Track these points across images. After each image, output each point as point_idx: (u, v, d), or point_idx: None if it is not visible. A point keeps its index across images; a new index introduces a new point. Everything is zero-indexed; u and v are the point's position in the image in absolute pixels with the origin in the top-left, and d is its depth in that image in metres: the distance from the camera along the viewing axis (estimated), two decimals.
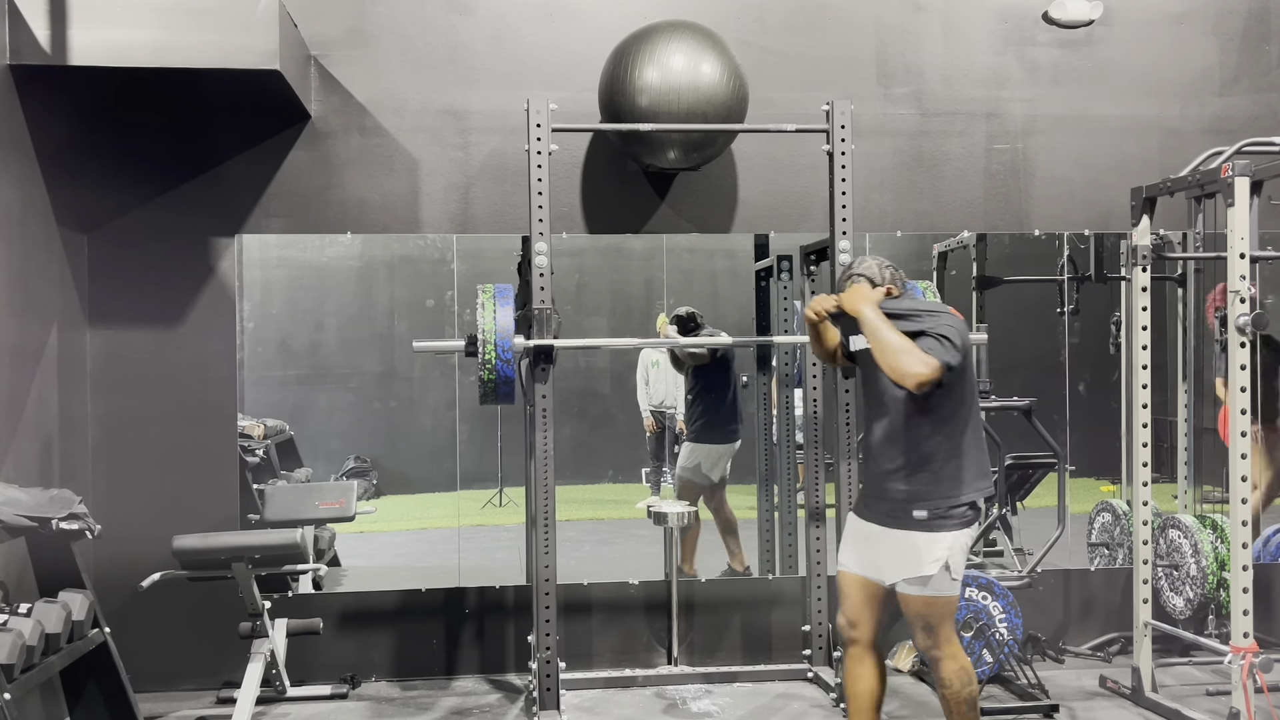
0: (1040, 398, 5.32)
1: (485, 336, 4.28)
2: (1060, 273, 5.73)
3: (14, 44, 4.16)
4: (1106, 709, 4.66)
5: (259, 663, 4.39)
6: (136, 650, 4.52)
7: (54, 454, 4.59)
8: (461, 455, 6.42)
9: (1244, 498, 4.08)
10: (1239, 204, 4.13)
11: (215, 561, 4.34)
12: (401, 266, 7.45)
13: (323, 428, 7.75)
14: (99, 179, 4.91)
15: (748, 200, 5.36)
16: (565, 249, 5.94)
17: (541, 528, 4.47)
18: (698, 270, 7.47)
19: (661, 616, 5.19)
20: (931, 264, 5.87)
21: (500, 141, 5.19)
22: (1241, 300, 4.08)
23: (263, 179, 5.08)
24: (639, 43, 4.83)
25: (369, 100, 5.15)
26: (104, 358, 4.97)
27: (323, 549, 5.82)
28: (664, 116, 4.73)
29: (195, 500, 4.97)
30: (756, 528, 6.12)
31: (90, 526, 3.82)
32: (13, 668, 3.33)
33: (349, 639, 5.13)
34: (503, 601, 5.23)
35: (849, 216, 4.59)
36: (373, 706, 4.83)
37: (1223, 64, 5.60)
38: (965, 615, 4.86)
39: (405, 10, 5.17)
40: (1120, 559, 5.64)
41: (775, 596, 5.37)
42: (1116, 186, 5.29)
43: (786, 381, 5.87)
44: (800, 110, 5.07)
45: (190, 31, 4.29)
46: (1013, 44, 5.50)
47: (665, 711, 4.73)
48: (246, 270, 6.13)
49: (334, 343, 7.75)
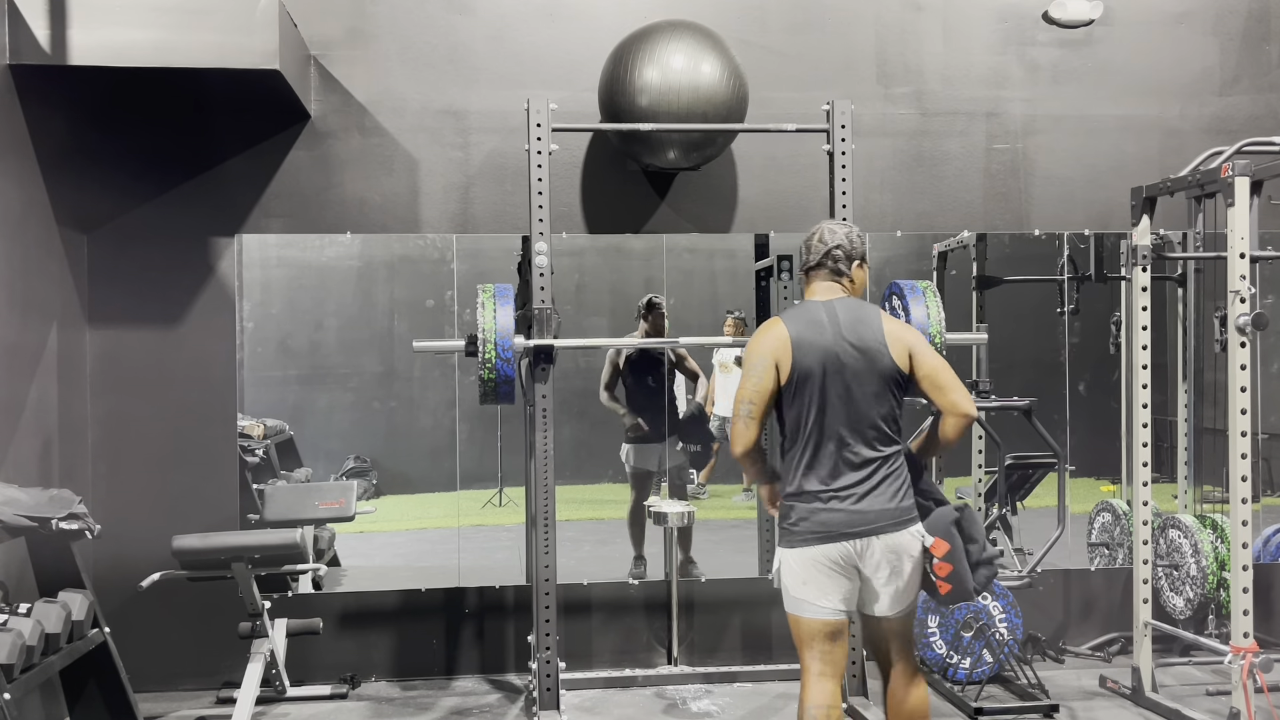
0: (1040, 398, 5.30)
1: (485, 336, 4.28)
2: (1060, 273, 5.73)
3: (14, 44, 4.17)
4: (1106, 709, 4.66)
5: (259, 663, 4.39)
6: (136, 650, 4.52)
7: (54, 454, 4.59)
8: (461, 455, 6.41)
9: (1244, 498, 4.08)
10: (1239, 204, 4.13)
11: (215, 561, 4.34)
12: (401, 266, 7.44)
13: (322, 428, 7.74)
14: (99, 179, 4.91)
15: (748, 200, 5.36)
16: (565, 249, 5.94)
17: (541, 528, 4.47)
18: (698, 270, 7.45)
19: (661, 616, 5.19)
20: (931, 264, 5.87)
21: (500, 141, 5.19)
22: (1241, 300, 4.08)
23: (262, 179, 5.08)
24: (639, 43, 4.83)
25: (369, 100, 5.15)
26: (104, 358, 4.97)
27: (322, 549, 5.81)
28: (664, 116, 4.73)
29: (195, 500, 4.97)
30: (756, 528, 6.12)
31: (90, 526, 3.82)
32: (13, 668, 3.33)
33: (349, 639, 5.13)
34: (503, 601, 5.23)
35: (849, 216, 4.59)
36: (373, 706, 4.83)
37: (1223, 64, 5.60)
38: (965, 615, 4.86)
39: (405, 10, 5.17)
40: (1120, 559, 5.64)
41: (775, 596, 5.31)
42: (1116, 186, 5.30)
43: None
44: (800, 110, 5.07)
45: (190, 31, 4.29)
46: (1013, 44, 5.50)
47: (665, 711, 4.73)
48: (246, 270, 6.10)
49: (334, 343, 7.74)
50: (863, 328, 3.36)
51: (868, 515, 3.27)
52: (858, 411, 3.31)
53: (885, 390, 3.33)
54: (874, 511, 3.27)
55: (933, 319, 4.36)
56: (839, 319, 3.37)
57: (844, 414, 3.31)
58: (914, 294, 4.42)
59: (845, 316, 3.38)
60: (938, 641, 4.91)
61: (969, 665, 4.85)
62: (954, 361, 3.63)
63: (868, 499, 3.28)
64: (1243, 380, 4.09)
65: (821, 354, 3.33)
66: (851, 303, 3.44)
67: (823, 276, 3.48)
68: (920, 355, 3.36)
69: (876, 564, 3.29)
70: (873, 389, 3.32)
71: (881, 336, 3.34)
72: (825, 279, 3.48)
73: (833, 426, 3.31)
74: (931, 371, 3.35)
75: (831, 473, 3.30)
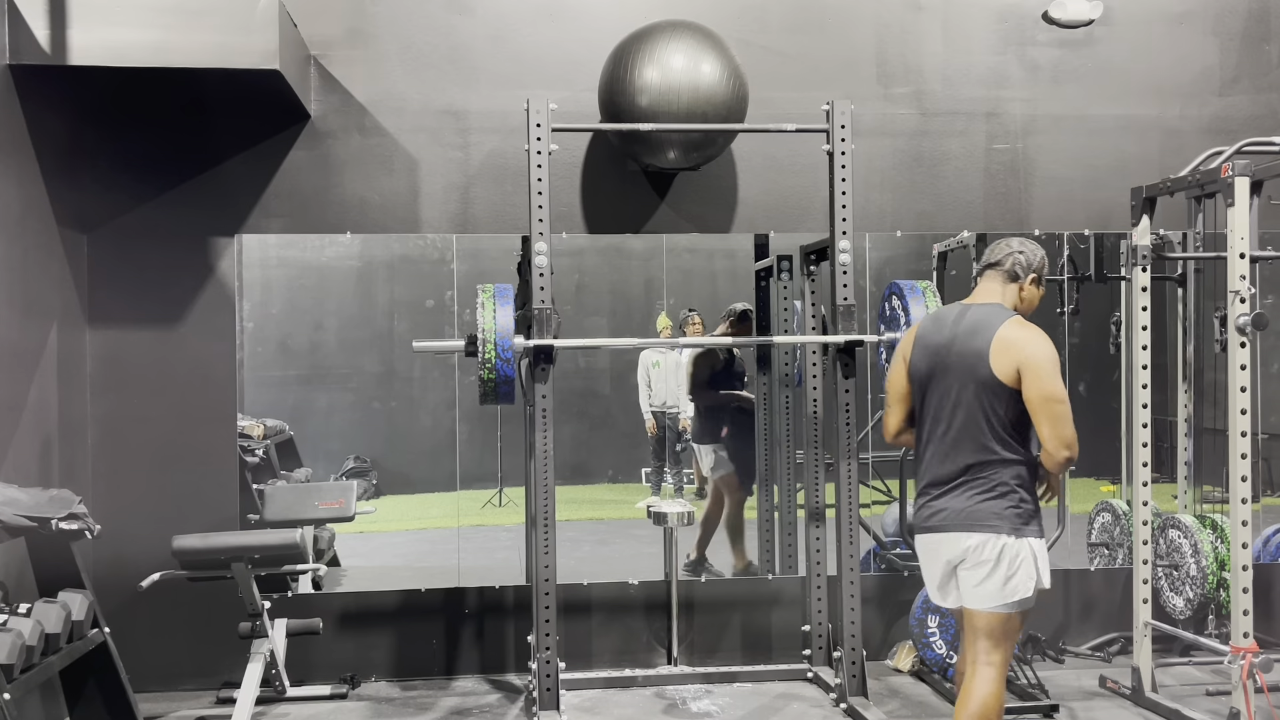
0: None
1: (485, 336, 4.27)
2: (1060, 273, 5.72)
3: (14, 44, 4.16)
4: (1106, 709, 4.65)
5: (259, 663, 4.39)
6: (136, 650, 4.52)
7: (54, 454, 4.59)
8: (461, 455, 6.40)
9: (1244, 498, 4.08)
10: (1239, 204, 4.12)
11: (215, 561, 4.34)
12: (401, 266, 7.45)
13: (322, 428, 7.74)
14: (99, 179, 4.91)
15: (748, 200, 5.36)
16: (565, 249, 5.94)
17: (541, 528, 4.47)
18: (698, 270, 7.46)
19: (661, 616, 5.19)
20: (931, 264, 5.86)
21: (500, 141, 5.19)
22: (1241, 300, 4.08)
23: (262, 179, 5.08)
24: (639, 43, 4.83)
25: (369, 100, 5.15)
26: (104, 358, 4.96)
27: (322, 549, 5.81)
28: (664, 116, 4.73)
29: (195, 500, 4.97)
30: (757, 528, 6.12)
31: (90, 526, 3.82)
32: (13, 668, 3.33)
33: (349, 639, 5.13)
34: (503, 601, 5.23)
35: (849, 216, 4.59)
36: (372, 706, 4.83)
37: (1223, 64, 5.60)
38: None
39: (405, 10, 5.17)
40: (1120, 559, 5.64)
41: (775, 596, 5.37)
42: (1116, 186, 5.29)
43: (786, 382, 5.87)
44: (800, 110, 5.07)
45: (190, 31, 4.29)
46: (1013, 44, 5.50)
47: (665, 711, 4.73)
48: (246, 270, 6.11)
49: (334, 343, 7.74)
50: (977, 333, 3.35)
51: (942, 513, 3.38)
52: (956, 414, 3.34)
53: (981, 398, 3.30)
54: (947, 510, 3.37)
55: None
56: (963, 321, 3.40)
57: (946, 415, 3.37)
58: (914, 294, 4.42)
59: (971, 319, 3.39)
60: (938, 641, 4.91)
61: None
62: None
63: (944, 499, 3.37)
64: (1243, 380, 4.09)
65: (932, 353, 3.41)
66: (989, 309, 3.41)
67: (988, 279, 3.49)
68: (1027, 377, 3.26)
69: (944, 561, 3.41)
70: (969, 395, 3.32)
71: (987, 344, 3.30)
72: (989, 282, 3.48)
73: (935, 426, 3.40)
74: (1032, 400, 3.26)
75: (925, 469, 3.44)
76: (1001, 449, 3.31)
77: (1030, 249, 3.49)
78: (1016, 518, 3.30)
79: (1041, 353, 3.28)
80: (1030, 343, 3.29)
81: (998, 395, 3.28)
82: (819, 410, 5.09)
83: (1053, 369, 3.27)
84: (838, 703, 4.65)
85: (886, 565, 5.58)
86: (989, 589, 3.31)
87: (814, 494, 5.12)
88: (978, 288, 3.51)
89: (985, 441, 3.31)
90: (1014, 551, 3.28)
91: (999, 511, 3.30)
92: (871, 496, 6.18)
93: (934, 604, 4.84)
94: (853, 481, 4.65)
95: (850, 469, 4.65)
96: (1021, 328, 3.33)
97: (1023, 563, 3.29)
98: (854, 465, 4.65)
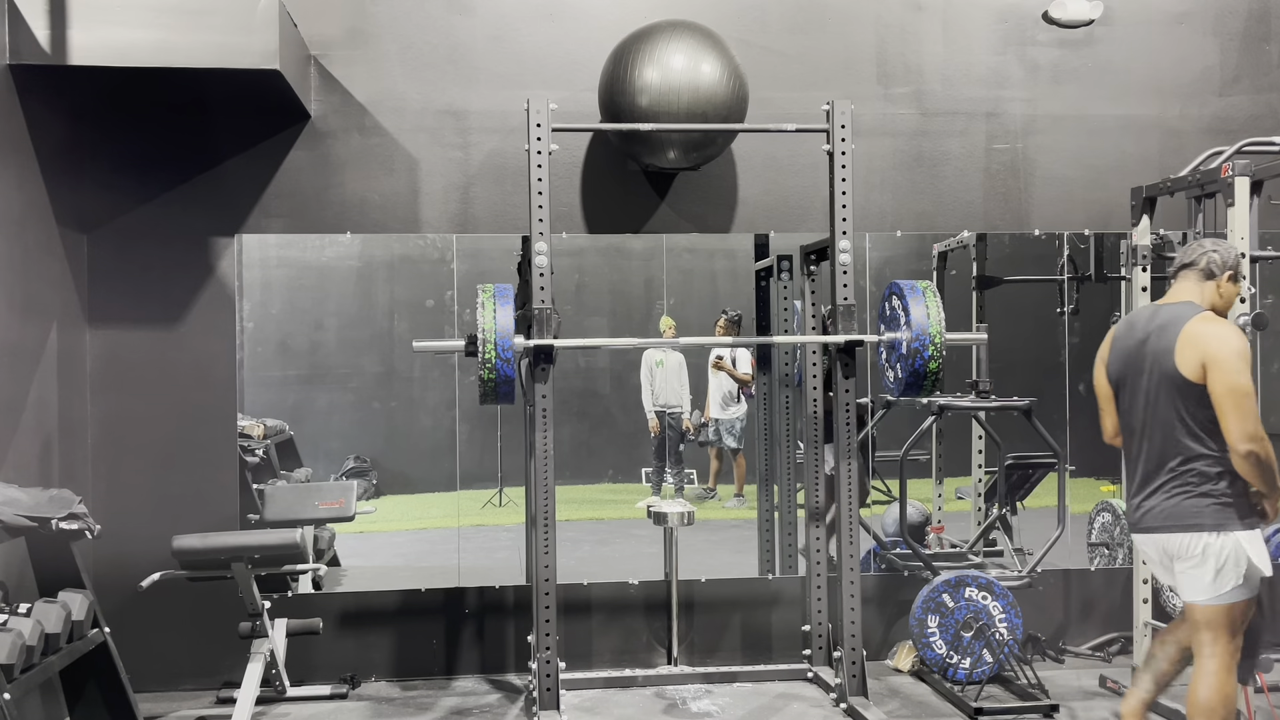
0: (1040, 398, 5.32)
1: (485, 336, 4.27)
2: (1060, 273, 5.73)
3: (14, 44, 4.17)
4: (1106, 709, 4.65)
5: (259, 663, 4.39)
6: (136, 650, 4.53)
7: (54, 454, 4.59)
8: (461, 455, 6.41)
9: None
10: (1239, 204, 4.13)
11: (215, 561, 4.34)
12: (401, 266, 7.45)
13: (322, 428, 7.75)
14: (99, 179, 4.91)
15: (748, 200, 5.36)
16: (565, 249, 5.94)
17: (541, 528, 4.47)
18: (698, 270, 7.47)
19: (661, 616, 5.19)
20: (931, 264, 5.87)
21: (500, 141, 5.19)
22: (1241, 300, 4.08)
23: (262, 179, 5.08)
24: (639, 43, 4.83)
25: (369, 100, 5.15)
26: (104, 358, 4.97)
27: (322, 549, 5.81)
28: (664, 116, 4.73)
29: (195, 500, 4.97)
30: (756, 528, 6.12)
31: (90, 526, 3.82)
32: (13, 668, 3.33)
33: (349, 639, 5.13)
34: (503, 601, 5.23)
35: (849, 216, 4.59)
36: (373, 706, 4.83)
37: (1223, 64, 5.60)
38: (965, 615, 4.86)
39: (405, 10, 5.17)
40: (1120, 559, 5.64)
41: (775, 596, 5.37)
42: (1116, 186, 5.30)
43: (786, 382, 5.87)
44: (800, 110, 5.07)
45: (190, 31, 4.29)
46: (1013, 44, 5.50)
47: (665, 711, 4.73)
48: (246, 270, 6.12)
49: (334, 343, 7.75)
50: (1166, 329, 3.39)
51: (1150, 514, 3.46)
52: (1151, 413, 3.42)
53: (1173, 395, 3.36)
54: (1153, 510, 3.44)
55: (932, 319, 4.36)
56: (1154, 320, 3.46)
57: (1141, 414, 3.45)
58: (914, 294, 4.42)
59: (1162, 318, 3.44)
60: (938, 641, 4.91)
61: (969, 665, 4.85)
62: (954, 362, 3.63)
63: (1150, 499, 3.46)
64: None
65: (1124, 355, 3.50)
66: (1180, 307, 3.45)
67: (1183, 279, 3.53)
68: (1211, 370, 3.29)
69: (1158, 559, 3.52)
70: (1162, 393, 3.38)
71: (1174, 341, 3.35)
72: (1184, 282, 3.53)
73: (1134, 426, 3.49)
74: (1216, 392, 3.28)
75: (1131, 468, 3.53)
76: (1197, 445, 3.36)
77: (1224, 248, 3.54)
78: (1218, 513, 3.35)
79: (1228, 345, 3.30)
80: (1215, 336, 3.32)
81: (1187, 392, 3.34)
82: (819, 410, 5.09)
83: (1237, 361, 3.28)
84: (838, 703, 4.65)
85: (886, 565, 5.58)
86: (1201, 584, 3.39)
87: (814, 494, 5.12)
88: (1172, 288, 3.55)
89: (1180, 438, 3.37)
90: (1219, 547, 3.34)
91: (1200, 509, 3.36)
92: (872, 496, 6.18)
93: (933, 604, 4.87)
94: (853, 481, 4.65)
95: (850, 469, 4.65)
96: (1207, 323, 3.37)
97: (1229, 556, 3.34)
98: (854, 465, 4.65)
